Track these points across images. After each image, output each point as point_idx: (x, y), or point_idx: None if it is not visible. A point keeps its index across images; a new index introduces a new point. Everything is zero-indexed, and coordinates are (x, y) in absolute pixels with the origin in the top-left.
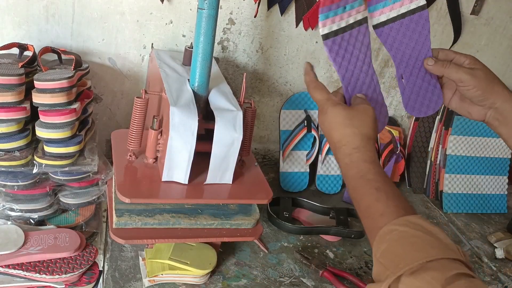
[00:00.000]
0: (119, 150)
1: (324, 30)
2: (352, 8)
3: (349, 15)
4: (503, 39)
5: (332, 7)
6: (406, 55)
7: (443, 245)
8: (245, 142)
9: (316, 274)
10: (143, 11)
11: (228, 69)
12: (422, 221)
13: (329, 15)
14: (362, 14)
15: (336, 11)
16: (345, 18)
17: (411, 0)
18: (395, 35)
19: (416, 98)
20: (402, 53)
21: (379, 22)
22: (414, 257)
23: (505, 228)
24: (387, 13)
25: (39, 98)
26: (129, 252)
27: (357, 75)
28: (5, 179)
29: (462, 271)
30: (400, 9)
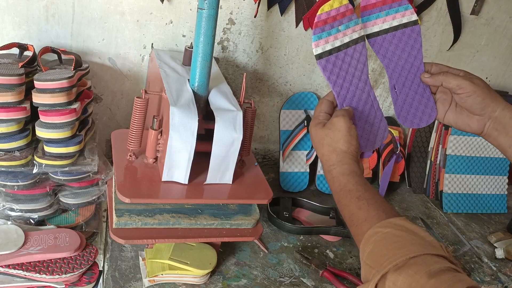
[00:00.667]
0: (119, 150)
1: (317, 50)
2: (348, 27)
3: (344, 34)
4: (503, 39)
5: (326, 27)
6: (398, 67)
7: (426, 243)
8: (245, 142)
9: (316, 274)
10: (143, 11)
11: (228, 69)
12: (405, 222)
13: (322, 36)
14: (359, 33)
15: (330, 32)
16: (339, 38)
17: (403, 14)
18: (388, 46)
19: (409, 109)
20: (394, 64)
21: (373, 32)
22: (397, 255)
23: (505, 228)
24: (380, 24)
25: (39, 98)
26: (129, 252)
27: (353, 92)
28: (5, 179)
29: (446, 265)
30: (393, 22)
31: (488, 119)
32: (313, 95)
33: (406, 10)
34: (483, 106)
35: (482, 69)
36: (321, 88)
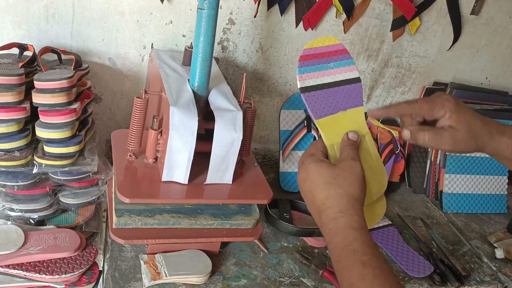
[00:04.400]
0: (119, 150)
1: (299, 84)
2: (340, 66)
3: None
4: (503, 39)
5: (314, 62)
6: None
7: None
8: (245, 142)
9: (316, 274)
10: (143, 11)
11: (228, 69)
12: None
13: (308, 69)
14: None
15: (317, 67)
16: (327, 75)
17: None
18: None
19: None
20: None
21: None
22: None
23: (505, 228)
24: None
25: (39, 98)
26: (129, 252)
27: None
28: (5, 179)
29: None
30: (338, 76)
31: (482, 150)
32: None
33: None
34: (468, 149)
35: (482, 69)
36: None
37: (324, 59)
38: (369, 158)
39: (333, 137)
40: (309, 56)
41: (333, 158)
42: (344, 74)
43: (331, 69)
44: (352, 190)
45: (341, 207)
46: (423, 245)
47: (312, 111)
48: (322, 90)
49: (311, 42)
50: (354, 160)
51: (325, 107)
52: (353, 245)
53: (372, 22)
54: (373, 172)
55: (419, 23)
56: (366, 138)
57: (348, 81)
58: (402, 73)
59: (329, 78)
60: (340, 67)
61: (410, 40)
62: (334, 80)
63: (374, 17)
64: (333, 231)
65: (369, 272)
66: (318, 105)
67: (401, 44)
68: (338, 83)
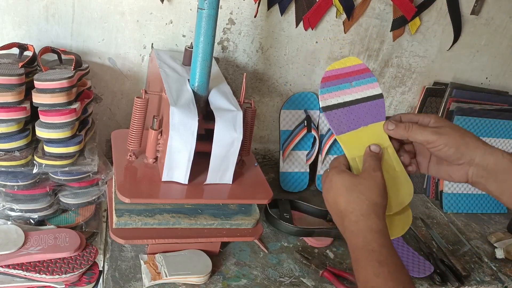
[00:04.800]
0: (119, 150)
1: (321, 103)
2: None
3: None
4: (503, 39)
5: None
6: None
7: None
8: (245, 142)
9: (316, 274)
10: (143, 11)
11: (228, 69)
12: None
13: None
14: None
15: (339, 87)
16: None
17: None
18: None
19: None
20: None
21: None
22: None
23: (505, 228)
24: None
25: (39, 98)
26: (129, 252)
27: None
28: (5, 179)
29: None
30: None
31: (469, 167)
32: (313, 95)
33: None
34: (459, 156)
35: (482, 69)
36: None
37: (346, 79)
38: (392, 170)
39: (355, 151)
40: (331, 77)
41: (356, 170)
42: (367, 91)
43: (353, 87)
44: (373, 196)
45: (362, 211)
46: (423, 245)
47: (333, 128)
48: (344, 108)
49: (333, 64)
50: (375, 171)
51: (346, 123)
52: (371, 246)
53: (372, 22)
54: (395, 184)
55: (419, 23)
56: (389, 150)
57: (371, 98)
58: (402, 73)
59: (351, 96)
60: (362, 85)
61: (410, 40)
62: (356, 97)
63: (374, 17)
64: (354, 233)
65: (384, 271)
66: (340, 122)
67: (401, 44)
68: (360, 100)
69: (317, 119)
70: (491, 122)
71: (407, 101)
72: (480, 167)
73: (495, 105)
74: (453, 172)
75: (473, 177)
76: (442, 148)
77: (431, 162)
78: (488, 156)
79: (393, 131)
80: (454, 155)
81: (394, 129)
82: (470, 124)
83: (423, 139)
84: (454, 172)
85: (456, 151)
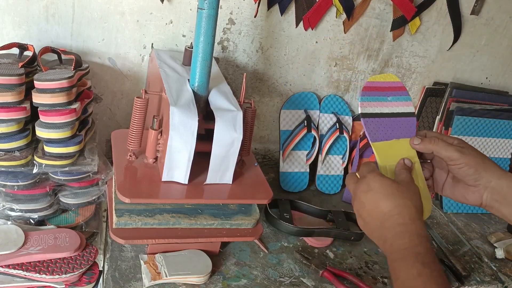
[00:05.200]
0: (119, 150)
1: (360, 110)
2: (398, 100)
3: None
4: (503, 39)
5: (375, 94)
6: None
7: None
8: (245, 142)
9: (316, 274)
10: (143, 11)
11: (228, 69)
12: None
13: (369, 99)
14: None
15: (377, 98)
16: (385, 106)
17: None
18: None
19: None
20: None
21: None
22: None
23: (505, 228)
24: (379, 107)
25: (39, 98)
26: (129, 252)
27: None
28: (5, 179)
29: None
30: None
31: (485, 190)
32: (313, 95)
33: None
34: (477, 177)
35: (482, 69)
36: (321, 88)
37: (384, 92)
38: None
39: (386, 160)
40: (371, 88)
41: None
42: (401, 108)
43: (389, 102)
44: (417, 204)
45: (411, 215)
46: None
47: (369, 135)
48: (380, 118)
49: (374, 76)
50: (411, 182)
51: (381, 133)
52: (417, 248)
53: (372, 22)
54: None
55: (419, 23)
56: (415, 166)
57: (404, 114)
58: (402, 73)
59: (387, 109)
60: (397, 101)
61: (410, 40)
62: (391, 111)
63: (374, 17)
64: (399, 234)
65: (427, 272)
66: (375, 131)
67: (401, 44)
68: (395, 115)
69: (317, 119)
70: (491, 122)
71: None
72: (495, 191)
73: (495, 105)
74: (468, 194)
75: (487, 200)
76: (463, 167)
77: (446, 183)
78: (503, 180)
79: (420, 145)
80: (472, 175)
81: (420, 144)
82: (470, 124)
83: (447, 154)
84: (469, 194)
85: (475, 172)
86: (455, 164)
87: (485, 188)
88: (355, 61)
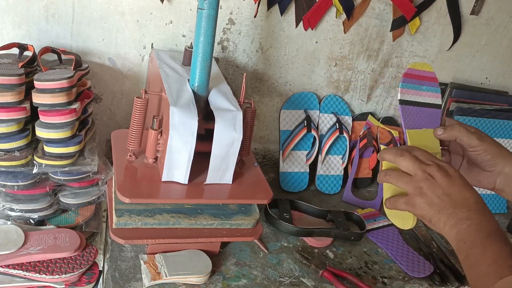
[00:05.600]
0: (119, 150)
1: (400, 96)
2: (430, 91)
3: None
4: (503, 39)
5: (413, 81)
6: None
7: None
8: (245, 142)
9: (316, 274)
10: (143, 11)
11: (228, 69)
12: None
13: (408, 86)
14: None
15: (414, 86)
16: (419, 95)
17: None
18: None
19: None
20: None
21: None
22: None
23: (505, 228)
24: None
25: (39, 98)
26: (129, 252)
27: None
28: (5, 179)
29: None
30: (426, 98)
31: (498, 175)
32: (313, 95)
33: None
34: (493, 163)
35: (482, 69)
36: (321, 88)
37: (420, 81)
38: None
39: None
40: (411, 76)
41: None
42: (431, 99)
43: (423, 91)
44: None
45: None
46: (423, 245)
47: (404, 121)
48: (415, 107)
49: (414, 63)
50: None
51: (414, 120)
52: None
53: (372, 22)
54: None
55: (419, 23)
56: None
57: (432, 105)
58: (402, 73)
59: (420, 98)
60: (429, 91)
61: (410, 40)
62: (423, 101)
63: (374, 17)
64: (490, 216)
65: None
66: (410, 118)
67: (401, 44)
68: (426, 105)
69: (317, 119)
70: (491, 122)
71: None
72: (509, 177)
73: (495, 105)
74: (483, 178)
75: (500, 184)
76: (481, 153)
77: (462, 167)
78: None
79: (443, 134)
80: (489, 161)
81: (444, 133)
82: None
83: (468, 141)
84: (484, 178)
85: (492, 158)
86: (475, 151)
87: (498, 174)
88: (355, 61)
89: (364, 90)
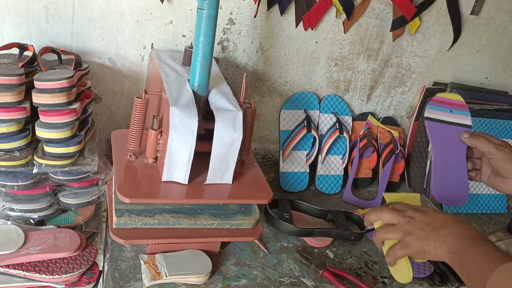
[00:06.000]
0: (119, 150)
1: (426, 114)
2: (459, 114)
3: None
4: (503, 39)
5: (441, 106)
6: (444, 151)
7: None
8: (245, 142)
9: (316, 274)
10: (143, 11)
11: (228, 69)
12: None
13: (435, 108)
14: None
15: (441, 109)
16: (447, 116)
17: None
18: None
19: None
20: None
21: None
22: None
23: (505, 228)
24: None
25: (39, 98)
26: (129, 252)
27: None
28: (5, 179)
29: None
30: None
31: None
32: (313, 95)
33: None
34: (508, 170)
35: (482, 69)
36: (321, 88)
37: (448, 106)
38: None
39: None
40: (439, 102)
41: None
42: (461, 120)
43: (451, 114)
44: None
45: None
46: None
47: (429, 135)
48: (440, 123)
49: (442, 93)
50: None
51: (439, 135)
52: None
53: (372, 22)
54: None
55: (419, 23)
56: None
57: (462, 125)
58: (402, 73)
59: (448, 118)
60: (459, 114)
61: (410, 40)
62: (451, 120)
63: (374, 17)
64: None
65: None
66: (435, 132)
67: (401, 44)
68: (454, 124)
69: (317, 119)
70: (491, 122)
71: (407, 101)
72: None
73: (495, 105)
74: (503, 184)
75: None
76: (499, 161)
77: (490, 175)
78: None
79: (467, 139)
80: (504, 168)
81: (468, 138)
82: None
83: (487, 149)
84: (504, 184)
85: (506, 165)
86: (492, 158)
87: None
88: (355, 61)
89: (364, 90)
